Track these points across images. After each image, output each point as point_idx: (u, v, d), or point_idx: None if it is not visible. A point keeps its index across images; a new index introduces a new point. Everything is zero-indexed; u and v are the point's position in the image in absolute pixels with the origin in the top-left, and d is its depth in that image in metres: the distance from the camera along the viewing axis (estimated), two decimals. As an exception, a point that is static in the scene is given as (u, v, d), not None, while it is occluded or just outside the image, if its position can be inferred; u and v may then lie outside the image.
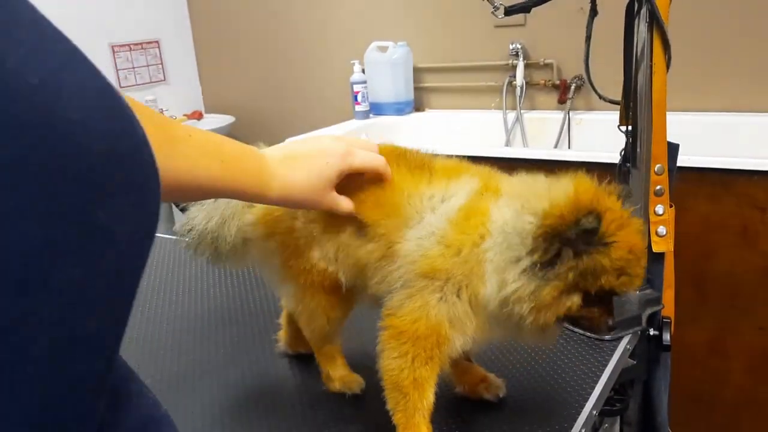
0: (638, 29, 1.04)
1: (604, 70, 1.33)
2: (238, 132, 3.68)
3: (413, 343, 0.71)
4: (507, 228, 0.68)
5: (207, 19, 3.73)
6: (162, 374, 0.99)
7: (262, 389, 0.94)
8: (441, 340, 0.71)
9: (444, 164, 0.79)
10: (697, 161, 1.69)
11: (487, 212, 0.70)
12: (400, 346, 0.72)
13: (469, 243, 0.70)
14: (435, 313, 0.70)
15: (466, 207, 0.71)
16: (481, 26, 2.77)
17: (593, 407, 0.85)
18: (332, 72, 3.27)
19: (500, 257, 0.68)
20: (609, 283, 0.67)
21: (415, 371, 0.72)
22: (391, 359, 0.73)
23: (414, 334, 0.71)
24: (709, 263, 1.77)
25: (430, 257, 0.70)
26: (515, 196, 0.71)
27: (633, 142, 1.09)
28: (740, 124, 2.26)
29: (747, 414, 1.82)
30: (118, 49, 3.48)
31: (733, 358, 1.80)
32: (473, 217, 0.70)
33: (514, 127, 2.75)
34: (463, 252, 0.70)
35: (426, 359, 0.72)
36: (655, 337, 1.09)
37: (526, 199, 0.69)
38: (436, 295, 0.70)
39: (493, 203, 0.71)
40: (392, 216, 0.74)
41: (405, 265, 0.71)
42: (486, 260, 0.69)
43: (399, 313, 0.72)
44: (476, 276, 0.69)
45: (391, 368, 0.73)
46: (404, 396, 0.73)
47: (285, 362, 1.00)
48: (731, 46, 2.29)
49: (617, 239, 0.66)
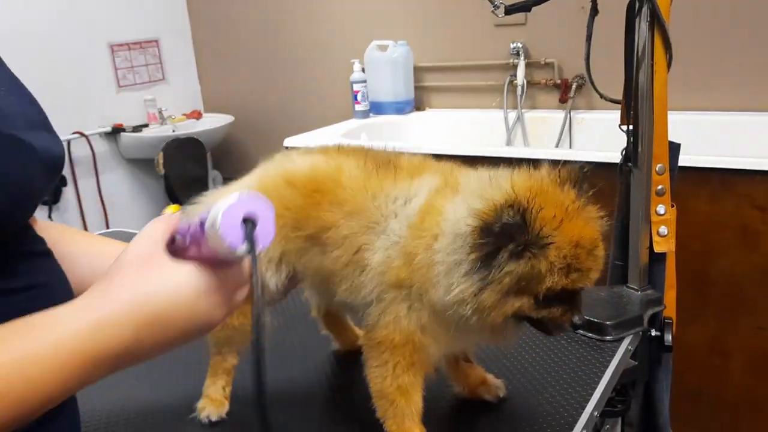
0: (639, 28, 1.04)
1: (605, 70, 1.32)
2: (237, 131, 3.68)
3: (391, 351, 0.72)
4: (456, 228, 0.66)
5: (206, 18, 3.73)
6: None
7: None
8: (416, 347, 0.71)
9: (409, 162, 0.77)
10: (697, 161, 1.69)
11: (441, 211, 0.69)
12: (380, 355, 0.72)
13: (423, 247, 0.68)
14: (407, 323, 0.70)
15: (423, 208, 0.70)
16: (481, 25, 2.76)
17: (594, 408, 0.84)
18: (332, 71, 3.27)
19: (448, 259, 0.66)
20: (558, 284, 0.64)
21: (398, 378, 0.72)
22: (373, 368, 0.74)
23: (390, 343, 0.71)
24: (709, 263, 1.77)
25: (395, 267, 0.70)
26: (470, 193, 0.68)
27: (634, 141, 1.08)
28: (740, 123, 2.25)
29: (747, 414, 1.82)
30: (117, 49, 3.47)
31: (733, 358, 1.80)
32: (428, 218, 0.69)
33: (515, 127, 2.74)
34: (418, 257, 0.68)
35: (407, 366, 0.72)
36: (657, 337, 1.08)
37: (471, 199, 0.67)
38: (404, 305, 0.70)
39: (449, 201, 0.69)
40: (355, 216, 0.73)
41: (376, 276, 0.71)
42: (436, 263, 0.67)
43: (376, 326, 0.72)
44: (428, 280, 0.68)
45: (374, 377, 0.74)
46: (391, 403, 0.74)
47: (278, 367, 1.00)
48: (731, 46, 2.28)
49: (556, 238, 0.63)
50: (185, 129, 3.48)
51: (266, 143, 3.58)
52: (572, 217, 0.65)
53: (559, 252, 0.63)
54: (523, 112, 2.72)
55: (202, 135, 3.35)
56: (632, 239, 1.11)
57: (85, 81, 3.34)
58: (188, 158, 3.19)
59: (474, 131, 2.83)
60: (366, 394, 0.76)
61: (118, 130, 3.44)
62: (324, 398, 0.91)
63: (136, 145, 3.45)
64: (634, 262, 1.12)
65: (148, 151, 3.29)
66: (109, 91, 3.47)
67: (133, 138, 3.44)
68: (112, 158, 3.52)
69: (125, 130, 3.44)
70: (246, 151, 3.73)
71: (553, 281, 0.64)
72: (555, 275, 0.64)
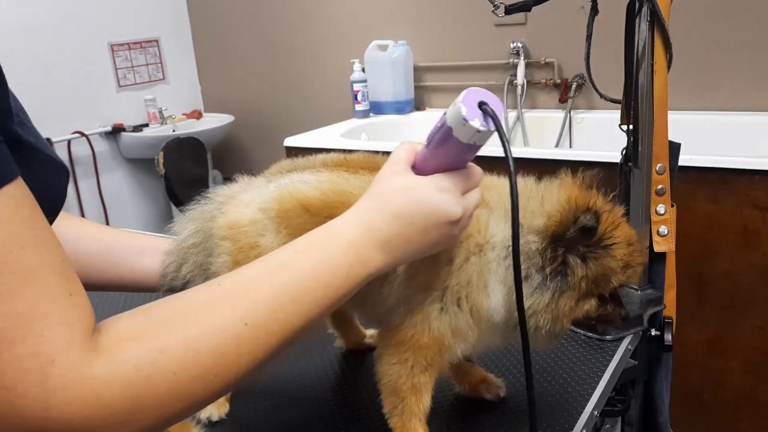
0: (639, 28, 1.04)
1: (605, 69, 1.32)
2: (237, 131, 3.68)
3: (414, 351, 0.71)
4: (509, 244, 0.68)
5: (206, 18, 3.73)
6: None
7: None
8: (443, 349, 0.71)
9: None
10: (697, 161, 1.69)
11: (481, 221, 0.70)
12: (401, 353, 0.72)
13: (463, 252, 0.69)
14: (437, 325, 0.70)
15: None
16: (481, 25, 2.76)
17: (594, 407, 0.84)
18: (332, 71, 3.27)
19: (508, 273, 0.68)
20: (619, 281, 0.69)
21: (414, 377, 0.72)
22: (389, 365, 0.73)
23: (415, 344, 0.71)
24: (709, 263, 1.77)
25: (424, 270, 0.69)
26: (508, 211, 0.69)
27: (634, 141, 1.08)
28: (740, 123, 2.26)
29: (747, 414, 1.82)
30: (117, 48, 3.47)
31: (733, 358, 1.80)
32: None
33: (515, 126, 2.75)
34: (457, 261, 0.69)
35: (425, 366, 0.72)
36: (657, 337, 1.08)
37: (524, 216, 0.69)
38: (436, 306, 0.70)
39: (488, 214, 0.71)
40: None
41: (403, 282, 0.71)
42: (489, 271, 0.69)
43: (402, 326, 0.71)
44: (476, 288, 0.69)
45: (389, 373, 0.73)
46: (401, 400, 0.73)
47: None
48: (732, 46, 2.29)
49: (617, 238, 0.68)
50: (185, 129, 3.49)
51: (266, 143, 3.59)
52: (620, 220, 0.70)
53: (620, 251, 0.68)
54: (523, 112, 2.73)
55: (202, 135, 3.36)
56: (632, 239, 1.11)
57: (86, 81, 3.35)
58: (188, 158, 3.19)
59: (474, 131, 2.83)
60: (369, 393, 0.76)
61: (119, 130, 3.44)
62: (327, 396, 0.91)
63: (136, 144, 3.45)
64: (634, 262, 1.12)
65: (149, 151, 3.29)
66: (109, 90, 3.47)
67: (133, 138, 3.44)
68: (112, 158, 3.52)
69: (125, 130, 3.45)
70: (246, 151, 3.74)
71: (617, 279, 0.69)
72: (619, 273, 0.69)
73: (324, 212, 0.72)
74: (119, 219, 3.52)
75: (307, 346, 1.04)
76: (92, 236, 0.86)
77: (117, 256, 0.85)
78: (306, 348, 1.04)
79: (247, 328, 0.52)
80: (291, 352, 1.02)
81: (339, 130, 2.70)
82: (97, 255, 0.85)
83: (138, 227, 3.39)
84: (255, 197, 0.78)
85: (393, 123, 2.88)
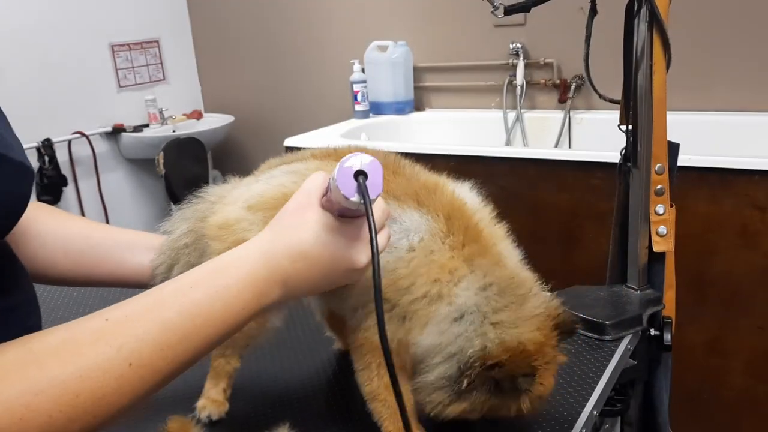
0: (638, 29, 1.04)
1: (604, 70, 1.32)
2: (237, 131, 3.68)
3: (371, 352, 0.73)
4: (464, 315, 0.69)
5: (206, 18, 3.73)
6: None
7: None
8: (395, 350, 0.72)
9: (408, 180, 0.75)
10: (697, 161, 1.69)
11: (454, 276, 0.69)
12: (362, 357, 0.74)
13: (425, 286, 0.69)
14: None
15: (426, 249, 0.70)
16: (481, 26, 2.76)
17: (594, 407, 0.84)
18: (332, 72, 3.27)
19: (444, 339, 0.69)
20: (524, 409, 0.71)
21: (383, 377, 0.73)
22: (359, 372, 0.75)
23: (370, 345, 0.72)
24: (708, 263, 1.77)
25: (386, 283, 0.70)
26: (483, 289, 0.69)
27: (633, 141, 1.09)
28: (740, 124, 2.26)
29: (747, 414, 1.82)
30: (117, 49, 3.48)
31: (733, 358, 1.80)
32: (435, 268, 0.69)
33: (514, 127, 2.75)
34: (415, 290, 0.69)
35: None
36: (656, 337, 1.08)
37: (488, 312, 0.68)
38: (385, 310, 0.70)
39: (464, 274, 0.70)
40: None
41: (365, 289, 0.71)
42: (434, 320, 0.69)
43: (359, 329, 0.73)
44: (418, 321, 0.70)
45: (363, 380, 0.75)
46: (383, 402, 0.75)
47: (270, 368, 1.00)
48: (731, 46, 2.29)
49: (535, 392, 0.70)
50: (186, 129, 3.49)
51: (266, 143, 3.59)
52: (550, 371, 0.71)
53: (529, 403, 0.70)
54: (522, 112, 2.73)
55: (202, 135, 3.36)
56: (631, 239, 1.12)
57: (86, 81, 3.35)
58: (189, 158, 3.19)
59: (473, 131, 2.83)
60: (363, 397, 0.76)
61: (119, 130, 3.44)
62: (327, 397, 0.91)
63: (136, 145, 3.46)
64: (633, 262, 1.12)
65: (149, 151, 3.29)
66: (109, 91, 3.48)
67: (133, 138, 3.44)
68: (112, 158, 3.52)
69: (126, 130, 3.45)
70: (246, 151, 3.74)
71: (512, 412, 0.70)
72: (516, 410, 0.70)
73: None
74: (119, 219, 3.52)
75: (307, 348, 1.04)
76: (81, 232, 0.85)
77: (105, 252, 0.85)
78: (305, 350, 1.04)
79: (131, 368, 0.50)
80: (291, 353, 1.03)
81: (339, 130, 2.70)
82: (86, 251, 0.84)
83: (138, 227, 3.37)
84: (243, 194, 0.78)
85: (393, 123, 2.89)
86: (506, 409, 0.70)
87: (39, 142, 3.06)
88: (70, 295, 1.26)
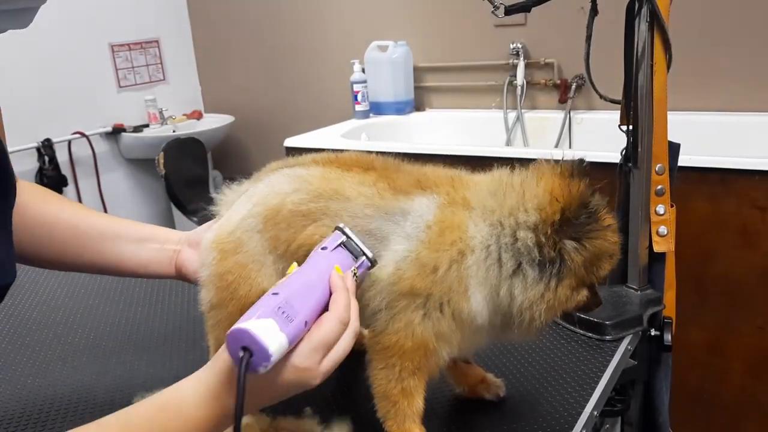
0: (639, 29, 1.04)
1: (604, 70, 1.32)
2: (237, 131, 3.68)
3: (399, 356, 0.72)
4: (490, 244, 0.69)
5: (206, 18, 3.73)
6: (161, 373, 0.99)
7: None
8: (428, 353, 0.72)
9: (406, 176, 0.76)
10: (697, 161, 1.69)
11: (462, 227, 0.70)
12: (387, 359, 0.72)
13: (447, 260, 0.69)
14: (421, 330, 0.70)
15: (437, 223, 0.70)
16: (481, 26, 2.76)
17: (594, 407, 0.84)
18: (332, 72, 3.27)
19: (489, 274, 0.69)
20: (606, 268, 0.71)
21: (403, 381, 0.73)
22: (378, 370, 0.74)
23: (400, 349, 0.71)
24: (709, 263, 1.77)
25: (408, 278, 0.70)
26: (488, 210, 0.70)
27: (634, 141, 1.09)
28: (740, 123, 2.26)
29: (747, 414, 1.82)
30: (117, 49, 3.48)
31: (733, 358, 1.80)
32: (447, 233, 0.70)
33: (514, 127, 2.75)
34: (441, 270, 0.69)
35: (413, 370, 0.72)
36: (657, 337, 1.08)
37: (504, 215, 0.69)
38: (419, 312, 0.70)
39: (468, 217, 0.70)
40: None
41: (387, 287, 0.71)
42: (469, 276, 0.69)
43: (385, 332, 0.72)
44: (456, 293, 0.69)
45: (378, 378, 0.74)
46: (393, 404, 0.74)
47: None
48: (731, 46, 2.29)
49: (609, 221, 0.70)
50: (186, 129, 3.49)
51: (266, 143, 3.59)
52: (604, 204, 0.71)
53: (613, 236, 0.70)
54: (522, 113, 2.73)
55: (202, 135, 3.36)
56: (632, 239, 1.11)
57: (86, 81, 3.35)
58: (189, 158, 3.19)
59: (474, 131, 2.83)
60: (366, 394, 0.76)
61: (119, 131, 3.44)
62: (327, 397, 0.91)
63: (136, 145, 3.46)
64: (634, 262, 1.12)
65: (149, 151, 3.29)
66: (109, 91, 3.48)
67: (133, 138, 3.44)
68: (112, 158, 3.52)
69: (126, 130, 3.45)
70: (246, 151, 3.74)
71: (606, 266, 0.70)
72: (608, 260, 0.70)
73: (317, 214, 0.74)
74: (119, 219, 3.52)
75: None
76: (69, 221, 0.87)
77: (87, 242, 0.87)
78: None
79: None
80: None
81: (339, 130, 2.70)
82: (69, 241, 0.86)
83: (138, 228, 3.38)
84: (242, 205, 0.79)
85: (393, 123, 2.89)
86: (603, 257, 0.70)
87: (39, 142, 3.06)
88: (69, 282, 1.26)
